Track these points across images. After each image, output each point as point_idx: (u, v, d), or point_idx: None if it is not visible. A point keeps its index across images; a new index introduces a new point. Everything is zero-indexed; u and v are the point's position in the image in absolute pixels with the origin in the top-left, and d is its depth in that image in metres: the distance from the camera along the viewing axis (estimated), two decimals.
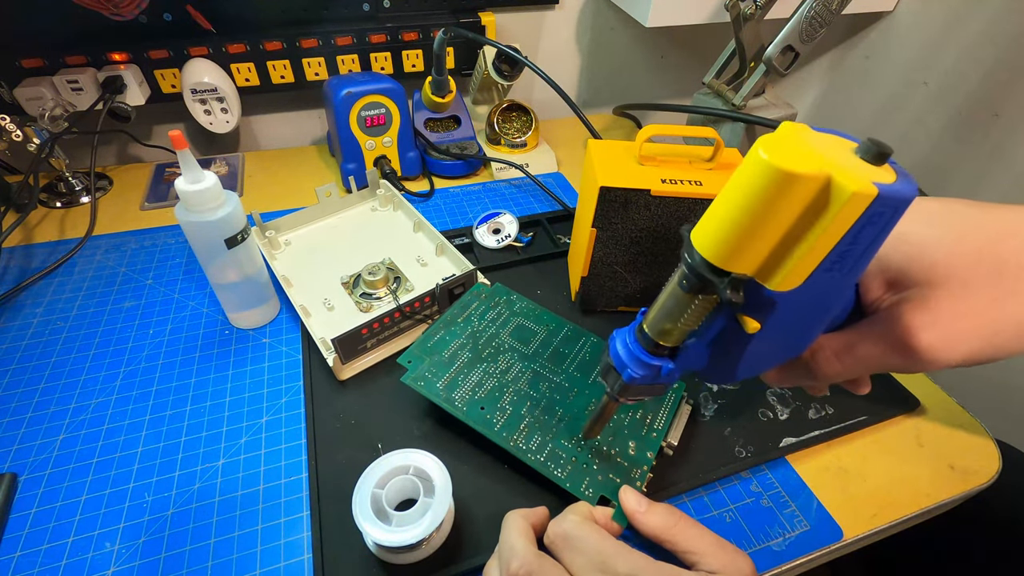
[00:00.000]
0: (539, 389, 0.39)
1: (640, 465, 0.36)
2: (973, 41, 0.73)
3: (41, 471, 0.38)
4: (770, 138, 0.20)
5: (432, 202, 0.65)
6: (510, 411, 0.38)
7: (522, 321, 0.45)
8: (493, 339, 0.42)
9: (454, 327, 0.43)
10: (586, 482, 0.34)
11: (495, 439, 0.36)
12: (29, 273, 0.53)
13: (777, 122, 0.58)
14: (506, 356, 0.41)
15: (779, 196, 0.19)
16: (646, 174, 0.41)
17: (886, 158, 0.19)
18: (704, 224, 0.22)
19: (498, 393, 0.39)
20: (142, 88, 0.64)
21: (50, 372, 0.44)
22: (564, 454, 0.36)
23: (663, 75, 0.92)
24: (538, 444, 0.36)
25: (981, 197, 0.75)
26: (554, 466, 0.35)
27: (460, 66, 0.75)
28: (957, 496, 0.38)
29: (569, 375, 0.41)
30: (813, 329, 0.25)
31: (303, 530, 0.35)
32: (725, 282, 0.21)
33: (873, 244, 0.21)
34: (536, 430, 0.37)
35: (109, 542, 0.34)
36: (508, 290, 0.47)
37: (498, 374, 0.40)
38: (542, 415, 0.38)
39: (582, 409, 0.39)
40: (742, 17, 0.57)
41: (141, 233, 0.59)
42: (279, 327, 0.48)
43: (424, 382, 0.38)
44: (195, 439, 0.40)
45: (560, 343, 0.43)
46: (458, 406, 0.37)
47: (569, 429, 0.37)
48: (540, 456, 0.35)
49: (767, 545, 0.35)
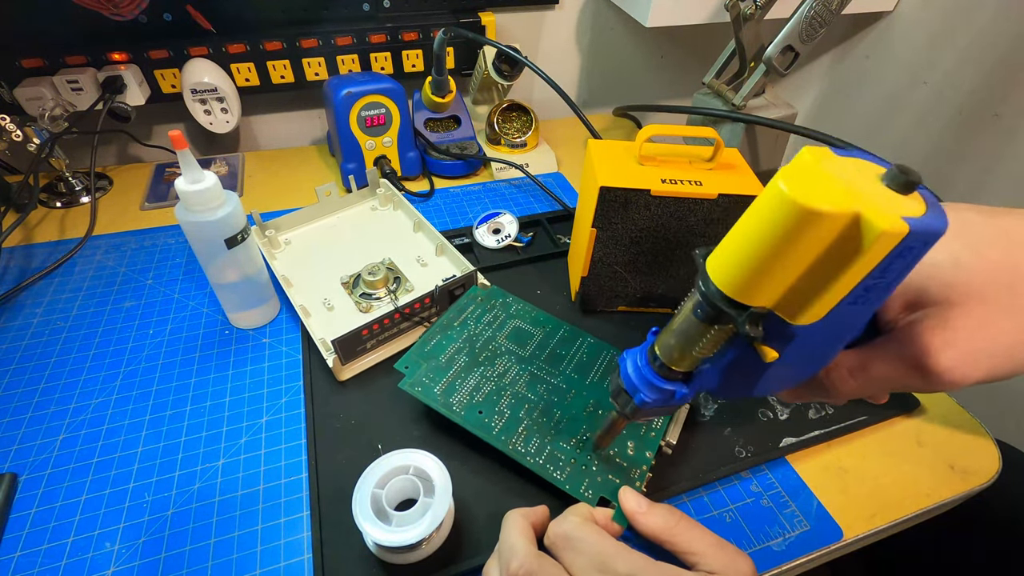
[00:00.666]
0: (537, 391, 0.39)
1: (639, 465, 0.36)
2: (973, 41, 0.73)
3: (41, 471, 0.38)
4: (791, 169, 0.18)
5: (432, 202, 0.65)
6: (508, 414, 0.38)
7: (519, 323, 0.45)
8: (490, 342, 0.42)
9: (450, 331, 0.43)
10: (585, 483, 0.34)
11: (494, 443, 0.36)
12: (29, 273, 0.53)
13: (778, 123, 0.58)
14: (503, 359, 0.41)
15: (802, 233, 0.18)
16: (646, 174, 0.41)
17: (915, 186, 0.18)
18: (721, 254, 0.21)
19: (496, 396, 0.39)
20: (142, 88, 0.64)
21: (50, 372, 0.44)
22: (563, 456, 0.36)
23: (663, 75, 0.92)
24: (537, 446, 0.36)
25: (982, 197, 0.76)
26: (553, 468, 0.35)
27: (460, 66, 0.75)
28: (957, 496, 0.38)
29: (567, 376, 0.41)
30: (831, 353, 0.24)
31: (303, 530, 0.35)
32: (744, 316, 0.20)
33: (900, 275, 0.20)
34: (535, 432, 0.37)
35: (109, 542, 0.34)
36: (504, 292, 0.47)
37: (495, 377, 0.40)
38: (540, 417, 0.38)
39: (580, 410, 0.39)
40: (742, 17, 0.57)
41: (141, 233, 0.59)
42: (279, 327, 0.48)
43: (421, 387, 0.38)
44: (195, 439, 0.40)
45: (557, 344, 0.43)
46: (456, 411, 0.37)
47: (568, 431, 0.37)
48: (539, 459, 0.35)
49: (767, 545, 0.35)
